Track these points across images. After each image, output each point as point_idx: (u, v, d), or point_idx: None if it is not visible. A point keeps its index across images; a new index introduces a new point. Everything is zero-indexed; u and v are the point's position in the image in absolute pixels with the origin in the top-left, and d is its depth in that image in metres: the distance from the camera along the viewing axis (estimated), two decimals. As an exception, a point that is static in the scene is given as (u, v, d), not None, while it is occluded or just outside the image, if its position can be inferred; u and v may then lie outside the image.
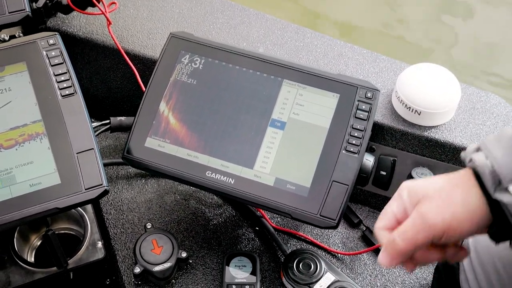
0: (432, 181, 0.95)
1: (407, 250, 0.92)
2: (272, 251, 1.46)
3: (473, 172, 0.91)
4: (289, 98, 1.32)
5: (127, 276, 1.39)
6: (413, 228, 0.91)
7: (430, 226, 0.90)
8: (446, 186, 0.93)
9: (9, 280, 1.30)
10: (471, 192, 0.90)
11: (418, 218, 0.91)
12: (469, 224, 0.89)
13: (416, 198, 0.93)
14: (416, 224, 0.91)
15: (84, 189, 1.16)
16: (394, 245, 0.93)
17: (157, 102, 1.35)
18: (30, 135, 1.19)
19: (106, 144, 1.68)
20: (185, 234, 1.47)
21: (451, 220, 0.89)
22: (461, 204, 0.90)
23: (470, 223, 0.89)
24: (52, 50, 1.27)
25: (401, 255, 0.93)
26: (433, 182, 0.95)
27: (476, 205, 0.89)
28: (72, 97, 1.23)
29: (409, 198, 0.94)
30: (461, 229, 0.90)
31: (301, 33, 1.75)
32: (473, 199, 0.89)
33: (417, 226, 0.91)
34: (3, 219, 1.12)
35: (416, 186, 0.95)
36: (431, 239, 0.91)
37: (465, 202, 0.89)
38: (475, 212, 0.89)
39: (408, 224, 0.92)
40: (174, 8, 1.78)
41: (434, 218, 0.89)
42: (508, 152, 0.88)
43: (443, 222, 0.89)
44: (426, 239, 0.90)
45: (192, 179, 1.30)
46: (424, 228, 0.90)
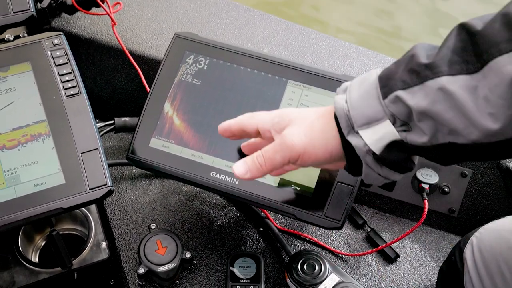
0: (302, 110, 1.04)
1: (264, 168, 1.03)
2: (276, 252, 1.46)
3: (334, 114, 0.97)
4: (294, 98, 1.32)
5: (131, 277, 1.39)
6: (274, 148, 1.02)
7: (288, 146, 0.99)
8: (312, 116, 1.02)
9: (14, 280, 1.30)
10: (329, 126, 0.98)
11: (279, 139, 1.02)
12: (323, 151, 0.98)
13: (284, 124, 1.02)
14: (276, 144, 1.02)
15: (88, 189, 1.16)
16: (255, 160, 1.04)
17: (161, 102, 1.35)
18: (34, 135, 1.19)
19: (110, 144, 1.68)
20: (190, 234, 1.47)
21: (307, 144, 0.98)
22: (319, 132, 0.98)
23: (324, 151, 0.98)
24: (57, 50, 1.27)
25: (258, 171, 1.04)
26: (302, 111, 1.03)
27: (332, 137, 0.97)
28: (77, 97, 1.23)
29: (278, 123, 1.03)
30: (315, 155, 0.99)
31: (306, 34, 1.75)
32: (331, 132, 0.97)
33: (277, 146, 1.01)
34: (7, 218, 1.11)
35: (287, 111, 1.04)
36: (287, 160, 1.00)
37: (324, 131, 0.98)
38: (330, 143, 0.98)
39: (271, 144, 1.03)
40: (178, 8, 1.78)
41: (292, 139, 0.99)
42: (364, 97, 0.93)
43: (300, 144, 0.99)
44: (282, 159, 1.00)
45: (196, 180, 1.29)
46: (282, 148, 1.00)
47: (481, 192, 1.52)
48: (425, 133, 0.87)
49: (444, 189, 1.51)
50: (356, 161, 0.96)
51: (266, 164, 1.03)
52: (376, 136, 0.91)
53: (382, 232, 1.54)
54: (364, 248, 1.51)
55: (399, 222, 1.59)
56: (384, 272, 1.46)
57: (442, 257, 1.51)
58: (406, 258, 1.50)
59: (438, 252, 1.53)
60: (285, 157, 1.00)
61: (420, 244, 1.54)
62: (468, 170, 1.49)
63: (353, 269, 1.46)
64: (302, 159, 0.99)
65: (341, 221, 1.23)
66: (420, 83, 0.85)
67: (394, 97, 0.88)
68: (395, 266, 1.48)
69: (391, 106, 0.89)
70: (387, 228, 1.57)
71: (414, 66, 0.87)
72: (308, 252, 1.37)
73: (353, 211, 1.56)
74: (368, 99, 0.91)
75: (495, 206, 1.53)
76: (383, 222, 1.59)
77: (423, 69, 0.85)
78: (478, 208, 1.54)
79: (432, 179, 1.47)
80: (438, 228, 1.59)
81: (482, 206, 1.54)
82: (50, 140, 1.19)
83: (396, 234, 1.55)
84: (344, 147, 0.96)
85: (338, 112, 0.94)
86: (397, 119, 0.89)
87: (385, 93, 0.89)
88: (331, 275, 1.34)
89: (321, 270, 1.34)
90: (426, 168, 1.50)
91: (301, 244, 1.48)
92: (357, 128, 0.92)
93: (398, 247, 1.51)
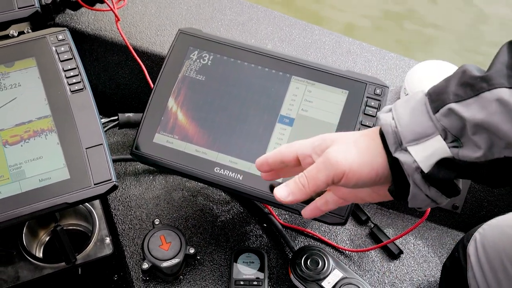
0: (343, 132, 1.00)
1: (307, 189, 0.98)
2: (280, 247, 1.46)
3: (380, 132, 0.94)
4: (298, 94, 1.32)
5: (135, 272, 1.39)
6: (317, 167, 0.96)
7: (332, 164, 0.94)
8: (355, 135, 0.98)
9: (18, 275, 1.31)
10: (374, 143, 0.94)
11: (322, 158, 0.96)
12: (368, 169, 0.93)
13: (325, 145, 0.98)
14: (319, 162, 0.96)
15: (93, 184, 1.16)
16: (297, 181, 0.98)
17: (165, 98, 1.35)
18: (39, 130, 1.19)
19: (114, 140, 1.68)
20: (193, 230, 1.47)
21: (353, 161, 0.93)
22: (365, 149, 0.94)
23: (370, 169, 0.93)
24: (61, 45, 1.27)
25: (301, 193, 0.98)
26: (343, 133, 1.00)
27: (378, 154, 0.93)
28: (81, 92, 1.23)
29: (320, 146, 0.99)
30: (360, 173, 0.93)
31: (309, 30, 1.75)
32: (376, 149, 0.93)
33: (320, 164, 0.96)
34: (13, 213, 1.12)
35: (328, 134, 1.00)
36: (331, 179, 0.94)
37: (369, 148, 0.94)
38: (376, 161, 0.93)
39: (314, 164, 0.97)
40: (182, 4, 1.79)
41: (336, 156, 0.94)
42: (412, 114, 0.90)
43: (344, 161, 0.93)
44: (326, 178, 0.94)
45: (200, 175, 1.30)
46: (326, 167, 0.94)
47: (485, 188, 1.52)
48: (479, 147, 0.85)
49: (448, 185, 1.51)
50: (401, 183, 0.93)
51: (309, 185, 0.97)
52: (425, 153, 0.88)
53: (385, 228, 1.54)
54: (367, 244, 1.51)
55: (403, 218, 1.59)
56: (388, 268, 1.46)
57: (446, 253, 1.51)
58: (410, 254, 1.50)
59: (442, 248, 1.53)
60: (329, 175, 0.94)
61: (423, 240, 1.54)
62: (472, 166, 1.49)
63: (356, 265, 1.46)
64: (347, 178, 0.94)
65: (345, 217, 1.23)
66: (475, 95, 0.84)
67: (447, 110, 0.86)
68: (399, 262, 1.48)
69: (443, 119, 0.87)
70: (390, 224, 1.57)
71: (467, 79, 0.86)
72: (312, 248, 1.37)
73: (356, 207, 1.56)
74: (416, 116, 0.89)
75: (498, 202, 1.53)
76: (386, 218, 1.59)
77: (478, 82, 0.84)
78: (482, 204, 1.54)
79: (436, 175, 1.47)
80: (441, 224, 1.59)
81: (485, 202, 1.54)
82: (55, 136, 1.19)
83: (399, 230, 1.55)
84: (391, 165, 0.92)
85: (385, 128, 0.92)
86: (449, 134, 0.87)
87: (436, 107, 0.88)
88: (335, 270, 1.34)
89: (324, 265, 1.34)
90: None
91: (305, 240, 1.48)
92: (405, 144, 0.89)
93: (402, 243, 1.51)
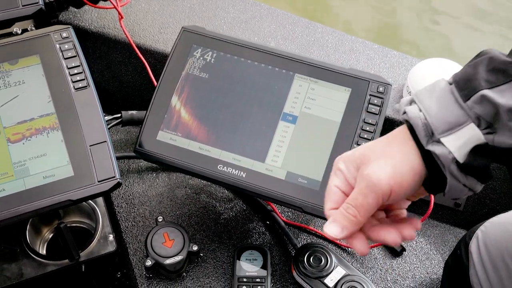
0: (366, 145, 0.94)
1: (359, 218, 0.90)
2: (282, 245, 1.46)
3: (407, 126, 0.90)
4: (301, 92, 1.32)
5: (138, 269, 1.39)
6: (361, 192, 0.89)
7: (376, 185, 0.88)
8: (381, 145, 0.92)
9: (22, 272, 1.31)
10: (407, 145, 0.89)
11: (363, 182, 0.89)
12: (411, 175, 0.88)
13: (355, 165, 0.92)
14: (362, 188, 0.89)
15: (97, 181, 1.17)
16: (345, 214, 0.91)
17: (169, 95, 1.35)
18: (43, 128, 1.19)
19: (117, 138, 1.69)
20: (196, 227, 1.47)
21: (394, 173, 0.88)
22: (400, 156, 0.89)
23: (412, 174, 0.88)
24: (65, 43, 1.28)
25: (354, 224, 0.91)
26: (367, 145, 0.94)
27: (414, 156, 0.88)
28: (85, 90, 1.24)
29: (347, 168, 0.93)
30: (405, 182, 0.88)
31: (312, 28, 1.76)
32: (410, 151, 0.89)
33: (364, 189, 0.89)
34: (17, 210, 1.12)
35: (350, 155, 0.94)
36: (381, 200, 0.89)
37: (403, 154, 0.89)
38: (414, 162, 0.88)
39: (356, 191, 0.90)
40: (185, 2, 1.79)
41: (378, 175, 0.88)
42: (440, 104, 0.87)
43: (387, 178, 0.87)
44: (376, 200, 0.88)
45: (203, 172, 1.30)
46: (372, 189, 0.88)
47: (487, 186, 1.52)
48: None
49: (450, 183, 1.52)
50: (437, 176, 0.89)
51: (360, 214, 0.90)
52: (459, 142, 0.86)
53: (388, 226, 1.55)
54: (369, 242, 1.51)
55: (405, 215, 1.60)
56: (390, 265, 1.47)
57: (448, 251, 1.51)
58: (412, 251, 1.50)
59: (444, 245, 1.53)
60: (378, 197, 0.89)
61: (426, 238, 1.54)
62: (474, 164, 1.49)
63: (359, 262, 1.46)
64: (395, 193, 0.89)
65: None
66: (509, 81, 0.83)
67: (479, 97, 0.84)
68: (401, 260, 1.48)
69: (476, 107, 0.85)
70: (393, 221, 1.58)
71: (497, 65, 0.84)
72: (315, 245, 1.38)
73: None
74: (445, 105, 0.87)
75: (500, 200, 1.53)
76: (389, 215, 1.59)
77: (511, 67, 0.83)
78: (484, 202, 1.55)
79: (438, 173, 1.48)
80: (444, 222, 1.60)
81: (488, 200, 1.54)
82: (59, 133, 1.19)
83: (402, 228, 1.56)
84: (424, 158, 0.89)
85: (414, 121, 0.88)
86: (482, 121, 0.85)
87: (466, 95, 0.86)
88: (337, 268, 1.34)
89: (327, 263, 1.34)
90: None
91: (307, 237, 1.49)
92: (438, 135, 0.86)
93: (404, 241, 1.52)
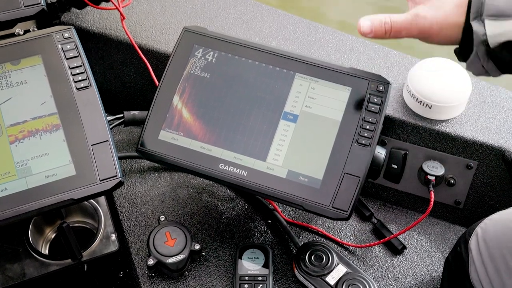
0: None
1: (389, 35, 1.06)
2: (284, 243, 1.47)
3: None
4: (302, 91, 1.33)
5: (140, 268, 1.40)
6: (406, 20, 1.05)
7: (420, 24, 1.03)
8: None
9: (24, 272, 1.32)
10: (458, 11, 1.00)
11: (414, 14, 1.04)
12: (451, 32, 1.02)
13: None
14: (410, 17, 1.04)
15: (99, 180, 1.17)
16: (382, 22, 1.05)
17: (170, 95, 1.36)
18: (45, 127, 1.20)
19: (119, 138, 1.69)
20: (198, 226, 1.48)
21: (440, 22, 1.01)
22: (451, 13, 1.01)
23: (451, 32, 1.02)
24: (67, 43, 1.28)
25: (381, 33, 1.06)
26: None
27: (461, 18, 0.99)
28: (87, 89, 1.24)
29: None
30: (444, 34, 1.03)
31: (313, 28, 1.76)
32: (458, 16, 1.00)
33: (410, 18, 1.04)
34: (19, 209, 1.13)
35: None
36: (415, 35, 1.05)
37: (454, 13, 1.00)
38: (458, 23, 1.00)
39: (404, 15, 1.05)
40: (187, 3, 1.79)
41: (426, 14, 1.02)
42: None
43: (432, 24, 1.02)
44: (411, 33, 1.05)
45: (205, 172, 1.30)
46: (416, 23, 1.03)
47: (487, 183, 1.53)
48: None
49: (450, 181, 1.52)
50: (468, 47, 0.99)
51: (392, 33, 1.05)
52: (498, 30, 0.94)
53: (388, 224, 1.55)
54: (371, 240, 1.52)
55: (406, 213, 1.60)
56: (391, 263, 1.47)
57: (448, 248, 1.51)
58: (413, 249, 1.51)
59: (444, 243, 1.54)
60: (413, 32, 1.04)
61: (426, 236, 1.55)
62: (474, 162, 1.50)
63: (360, 260, 1.47)
64: (431, 37, 1.04)
65: (349, 212, 1.24)
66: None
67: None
68: (402, 257, 1.49)
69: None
70: (393, 219, 1.58)
71: None
72: (316, 243, 1.38)
73: (360, 203, 1.57)
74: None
75: (500, 198, 1.53)
76: (389, 214, 1.60)
77: None
78: (484, 200, 1.55)
79: (438, 171, 1.48)
80: (444, 220, 1.60)
81: (487, 198, 1.55)
82: (61, 132, 1.20)
83: (402, 226, 1.56)
84: (464, 29, 0.99)
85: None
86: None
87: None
88: (339, 266, 1.35)
89: (328, 261, 1.35)
90: (432, 160, 1.51)
91: (309, 236, 1.49)
92: (484, 16, 0.95)
93: (405, 239, 1.52)
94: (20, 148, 1.18)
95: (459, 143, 1.48)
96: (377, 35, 1.07)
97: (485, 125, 1.50)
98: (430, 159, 1.51)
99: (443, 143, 1.49)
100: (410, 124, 1.49)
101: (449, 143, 1.49)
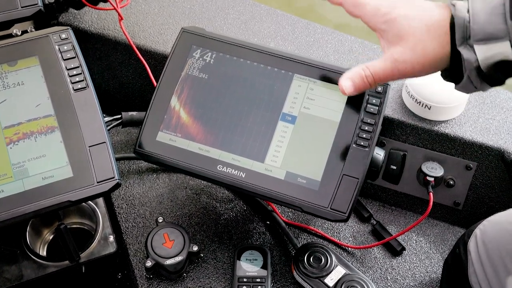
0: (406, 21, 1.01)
1: (371, 85, 1.07)
2: (283, 245, 1.46)
3: (450, 20, 0.96)
4: (300, 92, 1.33)
5: (138, 270, 1.40)
6: (384, 66, 1.04)
7: (399, 67, 1.01)
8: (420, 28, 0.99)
9: (22, 273, 1.32)
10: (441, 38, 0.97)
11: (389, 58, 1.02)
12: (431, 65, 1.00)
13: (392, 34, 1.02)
14: (387, 62, 1.03)
15: (96, 182, 1.17)
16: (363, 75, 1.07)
17: (168, 96, 1.35)
18: (42, 129, 1.20)
19: (117, 139, 1.69)
20: (197, 228, 1.48)
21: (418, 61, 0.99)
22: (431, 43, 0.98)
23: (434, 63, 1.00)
24: (65, 44, 1.28)
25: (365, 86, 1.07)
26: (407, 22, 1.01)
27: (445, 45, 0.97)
28: (84, 91, 1.24)
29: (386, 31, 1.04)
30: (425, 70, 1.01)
31: (312, 29, 1.76)
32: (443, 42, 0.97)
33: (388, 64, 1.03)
34: (16, 211, 1.12)
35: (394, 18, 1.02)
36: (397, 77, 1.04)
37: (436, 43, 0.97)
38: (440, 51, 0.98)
39: (380, 62, 1.04)
40: (185, 3, 1.79)
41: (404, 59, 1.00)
42: (488, 12, 0.92)
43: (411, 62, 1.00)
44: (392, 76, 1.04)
45: (203, 173, 1.30)
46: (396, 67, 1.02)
47: (486, 184, 1.52)
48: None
49: (449, 182, 1.52)
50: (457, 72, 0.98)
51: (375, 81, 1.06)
52: (489, 53, 0.92)
53: (387, 225, 1.55)
54: (370, 241, 1.51)
55: (405, 215, 1.60)
56: (390, 264, 1.47)
57: (447, 250, 1.51)
58: (412, 250, 1.51)
59: (443, 244, 1.53)
60: (395, 75, 1.03)
61: (425, 237, 1.54)
62: (473, 163, 1.49)
63: (359, 261, 1.47)
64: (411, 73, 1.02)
65: (347, 213, 1.23)
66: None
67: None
68: (401, 259, 1.49)
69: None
70: (392, 221, 1.58)
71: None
72: (315, 245, 1.38)
73: (359, 204, 1.57)
74: (492, 15, 0.91)
75: (499, 199, 1.53)
76: (388, 215, 1.59)
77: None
78: (483, 201, 1.55)
79: (437, 172, 1.48)
80: (443, 221, 1.60)
81: (486, 199, 1.54)
82: (58, 134, 1.19)
83: (401, 227, 1.56)
84: (452, 55, 0.97)
85: (458, 21, 0.94)
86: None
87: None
88: (337, 267, 1.34)
89: (327, 262, 1.35)
90: (431, 161, 1.51)
91: (308, 237, 1.49)
92: (473, 41, 0.92)
93: (404, 240, 1.52)
94: (17, 149, 1.18)
95: (458, 144, 1.48)
96: (362, 90, 1.09)
97: (485, 126, 1.49)
98: (429, 160, 1.51)
99: (442, 144, 1.49)
100: (409, 125, 1.49)
101: (448, 144, 1.48)
